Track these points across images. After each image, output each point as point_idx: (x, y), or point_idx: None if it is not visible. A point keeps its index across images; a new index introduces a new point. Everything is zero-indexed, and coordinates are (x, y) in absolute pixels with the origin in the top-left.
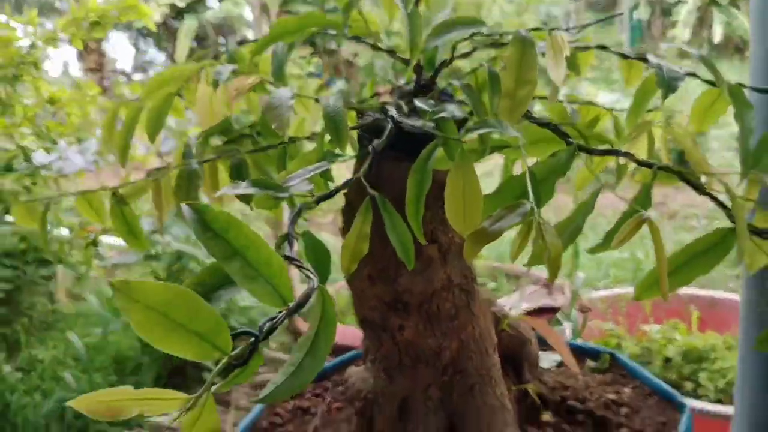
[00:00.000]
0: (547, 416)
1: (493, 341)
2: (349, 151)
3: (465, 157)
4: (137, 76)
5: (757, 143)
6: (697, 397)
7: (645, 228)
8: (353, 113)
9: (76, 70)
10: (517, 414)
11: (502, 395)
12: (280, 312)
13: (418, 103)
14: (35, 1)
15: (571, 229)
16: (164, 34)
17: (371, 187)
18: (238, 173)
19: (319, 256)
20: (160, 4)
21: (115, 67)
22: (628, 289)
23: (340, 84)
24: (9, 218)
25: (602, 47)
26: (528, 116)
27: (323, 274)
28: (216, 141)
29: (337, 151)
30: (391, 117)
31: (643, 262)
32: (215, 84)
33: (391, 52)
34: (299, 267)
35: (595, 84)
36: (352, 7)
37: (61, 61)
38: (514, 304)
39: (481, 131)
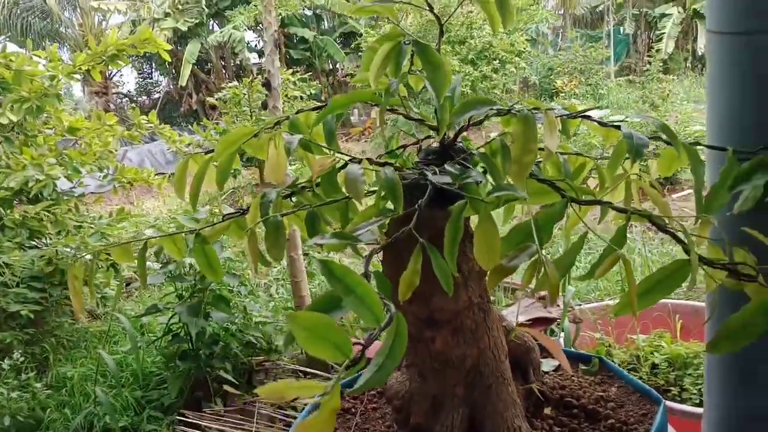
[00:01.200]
0: (548, 411)
1: (504, 349)
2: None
3: (489, 214)
4: (142, 99)
5: (709, 192)
6: (682, 400)
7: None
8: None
9: (79, 91)
10: (524, 409)
11: (513, 393)
12: (374, 329)
13: (449, 167)
14: (40, 27)
15: (566, 264)
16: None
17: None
18: (311, 223)
19: (385, 288)
20: (163, 28)
21: (119, 89)
22: (617, 301)
23: None
24: (34, 242)
25: (585, 116)
26: (531, 174)
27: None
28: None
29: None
30: (430, 181)
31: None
32: (287, 151)
33: (421, 120)
34: (381, 298)
35: (584, 99)
36: (393, 95)
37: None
38: (513, 315)
39: (500, 194)
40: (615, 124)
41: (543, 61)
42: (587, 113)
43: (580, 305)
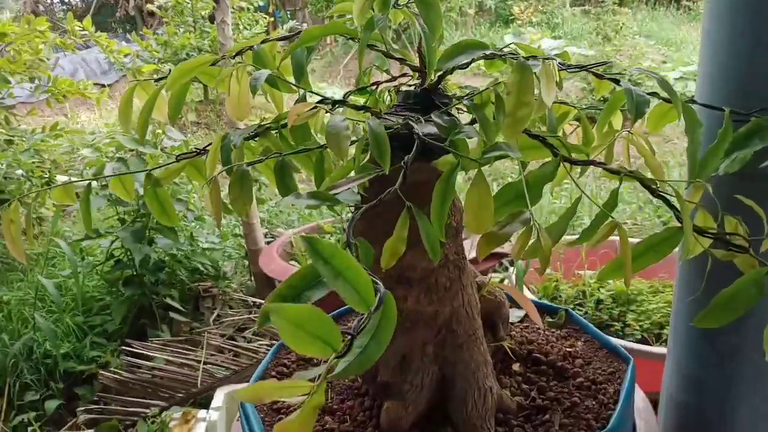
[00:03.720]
0: (516, 367)
1: (477, 307)
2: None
3: (482, 175)
4: (75, 2)
5: (703, 156)
6: (624, 335)
7: (584, 179)
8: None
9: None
10: (492, 365)
11: (485, 352)
12: (364, 314)
13: (436, 118)
14: None
15: (559, 231)
16: None
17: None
18: (282, 175)
19: (368, 258)
20: None
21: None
22: (567, 237)
23: (291, 23)
24: None
25: (580, 67)
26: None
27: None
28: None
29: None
30: (418, 135)
31: (580, 210)
32: (253, 89)
33: (402, 60)
34: (369, 274)
35: (539, 28)
36: (374, 27)
37: None
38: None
39: (494, 154)
40: (613, 77)
41: None
42: (592, 68)
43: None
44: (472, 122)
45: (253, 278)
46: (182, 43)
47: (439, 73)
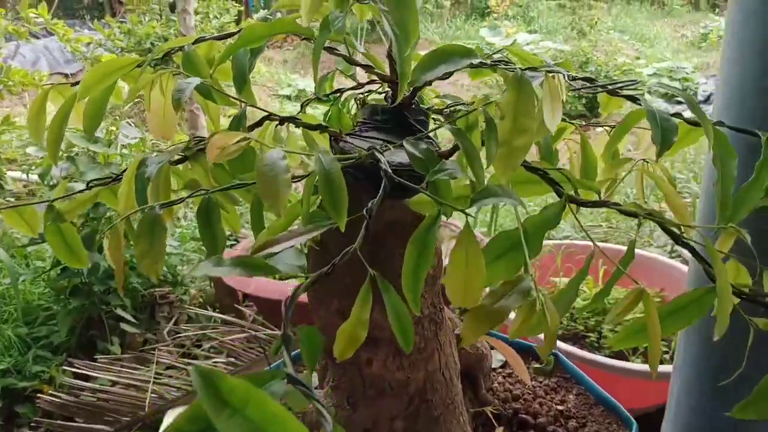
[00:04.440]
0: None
1: (457, 368)
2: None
3: (469, 231)
4: None
5: (736, 196)
6: (600, 347)
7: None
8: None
9: None
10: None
11: (465, 422)
12: None
13: (409, 147)
14: None
15: (566, 302)
16: None
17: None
18: (206, 216)
19: (312, 348)
20: None
21: None
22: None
23: (263, 12)
24: None
25: (590, 80)
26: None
27: (313, 362)
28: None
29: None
30: (386, 172)
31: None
32: (177, 105)
33: (369, 67)
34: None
35: (515, 21)
36: (331, 28)
37: None
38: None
39: (487, 202)
40: (631, 95)
41: None
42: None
43: None
44: (455, 148)
45: (212, 284)
46: (146, 32)
47: (414, 86)
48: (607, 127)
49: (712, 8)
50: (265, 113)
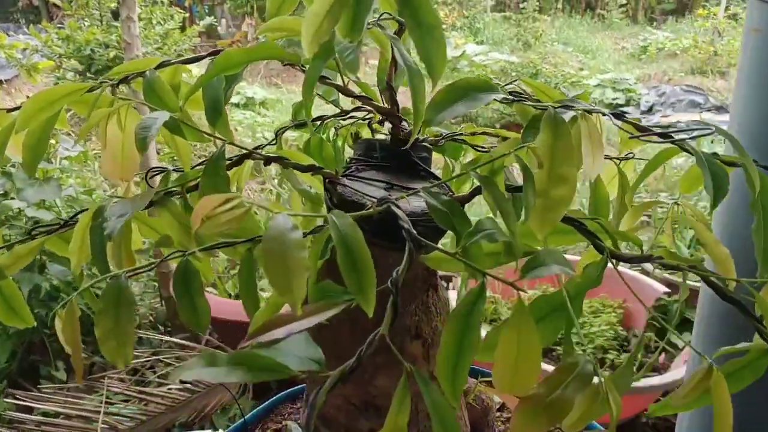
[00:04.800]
0: None
1: (467, 429)
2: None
3: (523, 308)
4: None
5: None
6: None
7: None
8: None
9: None
10: None
11: None
12: None
13: (429, 198)
14: None
15: (626, 381)
16: None
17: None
18: (185, 283)
19: None
20: None
21: None
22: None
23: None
24: None
25: (619, 116)
26: None
27: None
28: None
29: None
30: (409, 233)
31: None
32: (142, 145)
33: (367, 99)
34: None
35: (462, 32)
36: (330, 55)
37: None
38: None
39: (541, 272)
40: (663, 132)
41: None
42: (622, 114)
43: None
44: (473, 193)
45: (163, 303)
46: (86, 38)
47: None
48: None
49: (649, 21)
50: (244, 151)
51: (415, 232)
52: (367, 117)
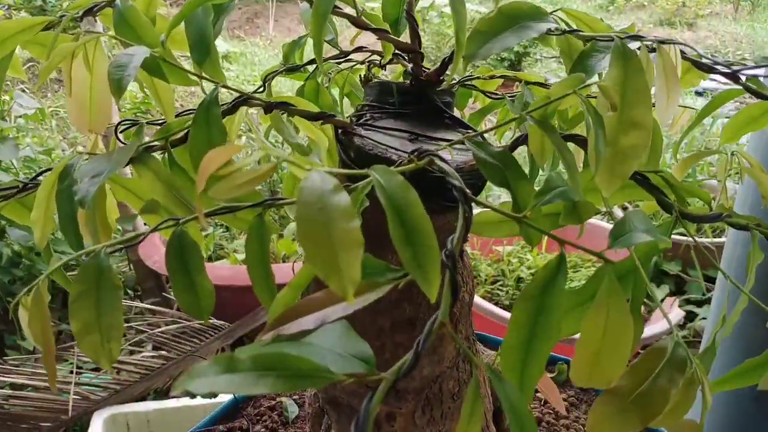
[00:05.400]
0: None
1: (491, 409)
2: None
3: (615, 286)
4: None
5: None
6: None
7: None
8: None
9: None
10: None
11: None
12: None
13: (477, 151)
14: None
15: (709, 362)
16: None
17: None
18: (179, 256)
19: None
20: None
21: None
22: (477, 210)
23: None
24: None
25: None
26: None
27: None
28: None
29: None
30: (464, 193)
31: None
32: (118, 88)
33: (385, 31)
34: None
35: None
36: None
37: None
38: None
39: (631, 239)
40: (727, 71)
41: None
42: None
43: None
44: (517, 143)
45: (132, 267)
46: None
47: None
48: None
49: None
50: (240, 95)
51: (468, 190)
52: (367, 59)
